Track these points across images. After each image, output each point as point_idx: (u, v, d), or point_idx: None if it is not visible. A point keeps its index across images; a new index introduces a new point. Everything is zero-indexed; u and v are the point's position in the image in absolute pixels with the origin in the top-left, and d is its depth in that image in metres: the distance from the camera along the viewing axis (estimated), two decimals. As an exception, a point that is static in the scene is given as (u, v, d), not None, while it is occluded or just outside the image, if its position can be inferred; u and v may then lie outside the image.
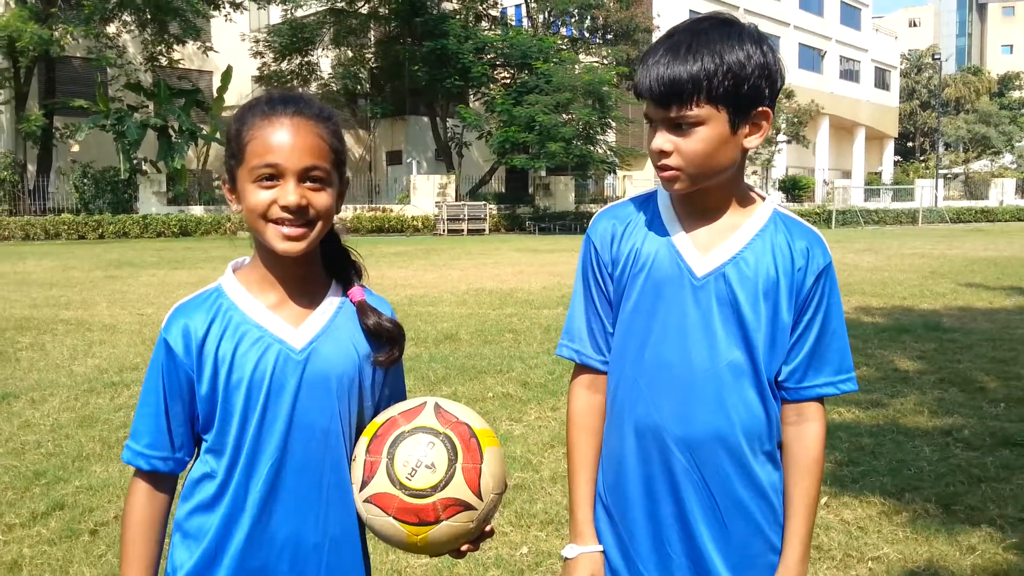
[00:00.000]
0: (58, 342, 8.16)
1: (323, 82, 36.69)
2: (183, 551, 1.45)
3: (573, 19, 36.33)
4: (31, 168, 29.73)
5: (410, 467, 1.38)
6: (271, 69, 35.95)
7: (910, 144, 72.68)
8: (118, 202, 28.75)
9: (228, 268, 1.52)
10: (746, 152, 1.48)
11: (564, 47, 34.56)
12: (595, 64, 34.29)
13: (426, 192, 32.82)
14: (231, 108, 31.52)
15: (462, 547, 1.45)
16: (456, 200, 32.44)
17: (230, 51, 34.72)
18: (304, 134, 1.40)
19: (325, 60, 36.90)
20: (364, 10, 35.15)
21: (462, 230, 30.44)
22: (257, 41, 35.74)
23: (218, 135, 30.92)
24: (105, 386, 6.27)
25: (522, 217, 33.10)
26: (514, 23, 37.33)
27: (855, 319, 9.17)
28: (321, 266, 1.53)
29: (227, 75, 31.76)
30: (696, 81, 1.37)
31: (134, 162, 28.85)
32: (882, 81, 60.78)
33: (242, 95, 35.86)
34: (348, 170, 1.56)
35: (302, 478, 1.44)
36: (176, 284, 13.30)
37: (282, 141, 1.38)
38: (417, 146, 37.75)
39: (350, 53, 36.67)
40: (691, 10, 44.22)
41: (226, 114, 31.56)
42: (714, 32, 1.41)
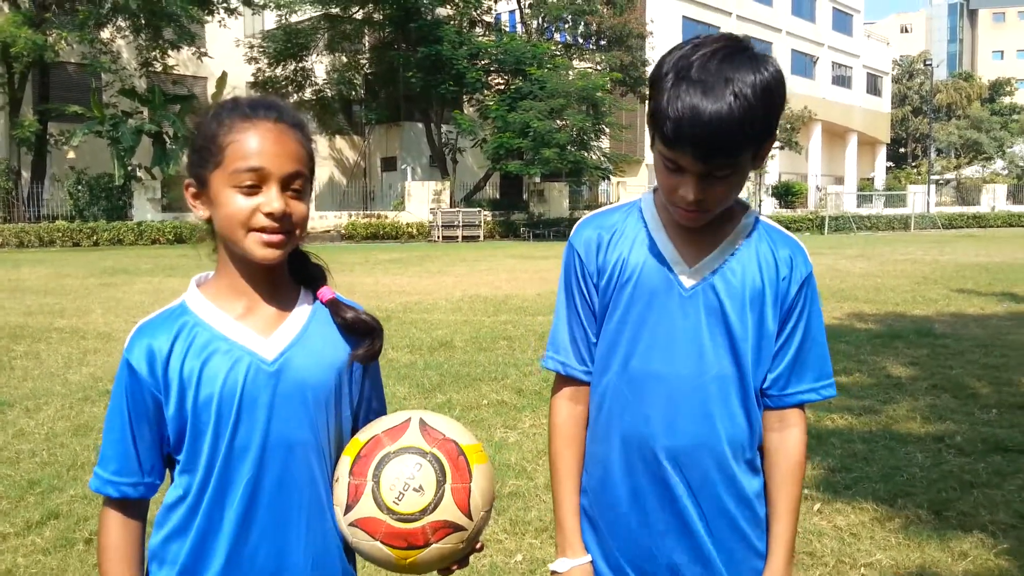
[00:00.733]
0: (53, 350, 8.15)
1: (317, 88, 36.70)
2: None
3: (567, 25, 36.41)
4: (25, 175, 29.63)
5: (397, 490, 1.34)
6: (265, 75, 35.92)
7: (902, 150, 72.96)
8: (113, 209, 28.66)
9: (192, 283, 1.48)
10: None
11: (558, 53, 34.62)
12: (589, 70, 34.40)
13: (421, 198, 32.83)
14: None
15: (452, 568, 1.43)
16: (451, 207, 32.47)
17: (225, 57, 34.70)
18: (288, 141, 1.38)
19: (319, 66, 36.89)
20: (358, 16, 35.16)
21: (457, 237, 30.46)
22: (252, 47, 35.71)
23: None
24: (100, 394, 6.26)
25: (517, 223, 33.13)
26: (508, 29, 37.38)
27: (847, 325, 9.21)
28: (288, 273, 1.49)
29: (222, 81, 31.72)
30: (743, 133, 1.31)
31: (129, 169, 28.77)
32: (874, 87, 61.06)
33: (236, 101, 35.81)
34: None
35: (280, 496, 1.39)
36: (171, 292, 13.27)
37: (268, 146, 1.35)
38: (412, 152, 37.77)
39: (344, 59, 36.67)
40: (684, 16, 44.46)
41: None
42: (744, 69, 1.32)
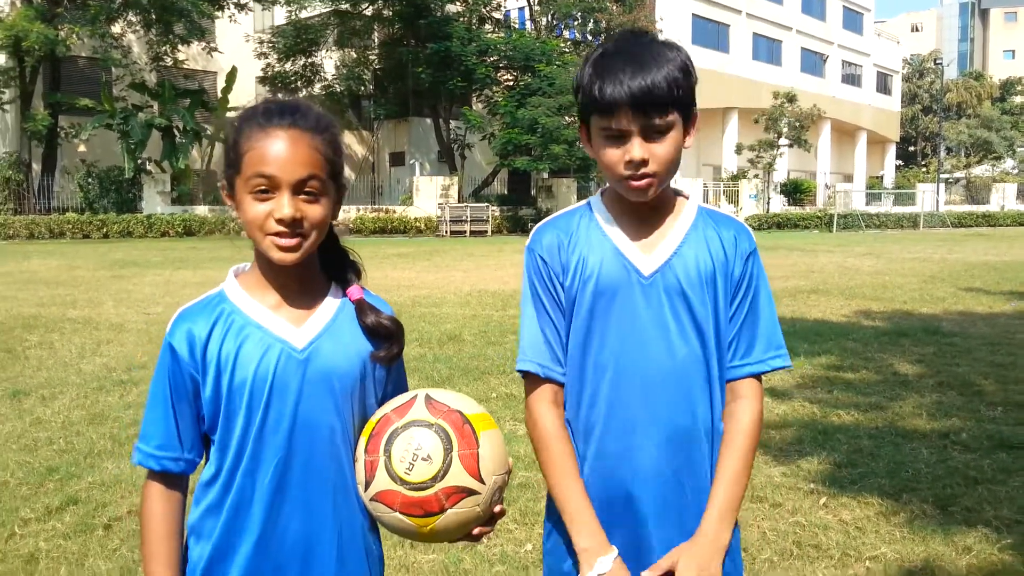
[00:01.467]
0: (66, 340, 8.24)
1: (327, 83, 36.78)
2: (196, 551, 1.49)
3: (576, 22, 36.37)
4: (36, 167, 29.80)
5: (407, 462, 1.41)
6: (275, 70, 36.04)
7: (912, 148, 72.70)
8: (122, 202, 28.85)
9: (230, 272, 1.56)
10: None
11: (567, 50, 34.63)
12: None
13: (429, 193, 32.90)
14: (235, 108, 31.58)
15: (474, 531, 1.49)
16: (459, 202, 32.51)
17: (234, 52, 34.82)
18: (299, 146, 1.42)
19: (329, 61, 36.97)
20: (368, 12, 35.23)
21: (464, 231, 30.51)
22: (261, 42, 35.82)
23: (222, 135, 31.03)
24: (114, 384, 6.35)
25: (524, 219, 33.15)
26: (517, 26, 37.37)
27: (855, 322, 9.24)
28: (319, 267, 1.56)
29: (231, 76, 31.87)
30: (670, 87, 1.47)
31: (138, 162, 28.94)
32: (884, 85, 60.81)
33: (246, 96, 35.98)
34: (347, 175, 1.61)
35: (308, 477, 1.47)
36: (181, 284, 13.38)
37: (277, 153, 1.40)
38: (420, 147, 37.83)
39: (354, 55, 36.74)
40: (694, 14, 44.33)
41: (230, 114, 31.62)
42: (657, 45, 1.52)
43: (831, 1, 54.50)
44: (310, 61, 36.37)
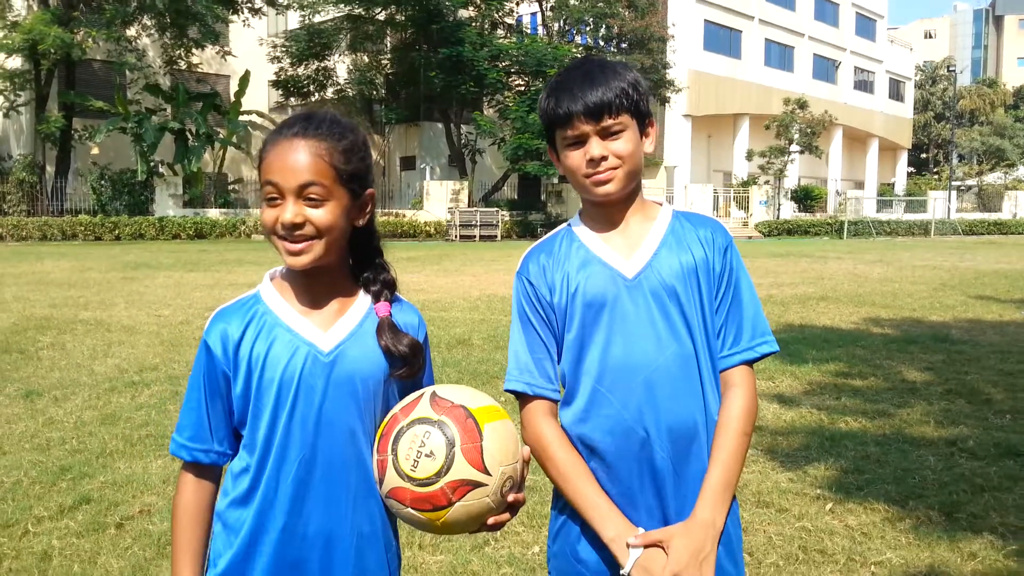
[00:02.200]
0: (78, 342, 8.32)
1: (339, 88, 36.95)
2: (223, 541, 1.56)
3: (588, 28, 36.44)
4: (49, 169, 30.06)
5: (412, 459, 1.46)
6: (288, 74, 36.24)
7: (923, 156, 72.41)
8: (135, 204, 29.05)
9: (266, 276, 1.63)
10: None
11: (579, 55, 34.68)
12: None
13: (439, 198, 33.00)
14: (248, 112, 31.83)
15: (489, 521, 1.53)
16: (469, 206, 32.60)
17: (248, 56, 35.05)
18: (301, 153, 1.48)
19: (341, 66, 37.15)
20: (381, 17, 35.38)
21: (474, 236, 30.58)
22: (275, 46, 36.02)
23: (234, 139, 31.23)
24: (126, 385, 6.41)
25: (534, 224, 33.22)
26: (529, 31, 37.50)
27: (864, 330, 9.23)
28: (350, 273, 1.62)
29: (244, 80, 32.06)
30: (619, 95, 1.61)
31: (151, 165, 29.14)
32: (896, 92, 60.63)
33: (259, 100, 36.20)
34: (370, 181, 1.65)
35: (330, 475, 1.53)
36: (192, 286, 13.47)
37: (281, 161, 1.48)
38: (431, 152, 37.97)
39: (366, 59, 36.92)
40: (706, 20, 44.33)
41: (243, 118, 31.85)
42: (610, 64, 1.69)
43: (844, 7, 54.41)
44: (323, 65, 36.54)
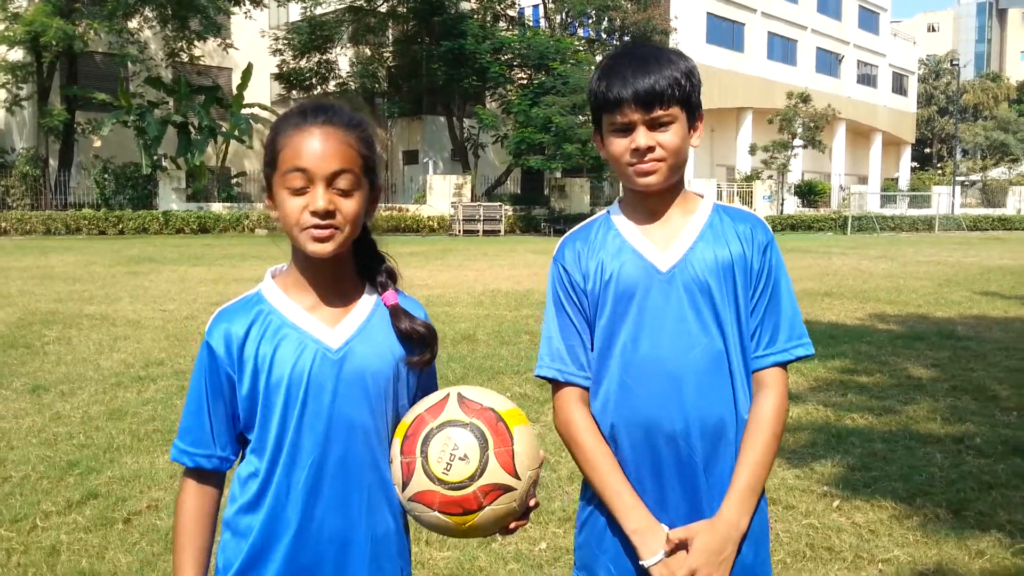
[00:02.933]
0: (84, 336, 8.33)
1: (341, 80, 36.91)
2: (233, 548, 1.52)
3: (590, 20, 36.36)
4: (52, 163, 30.04)
5: (444, 462, 1.44)
6: (290, 67, 36.20)
7: (927, 150, 72.25)
8: (138, 198, 29.04)
9: (267, 274, 1.60)
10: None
11: (581, 48, 34.62)
12: (612, 66, 34.28)
13: (442, 192, 32.97)
14: (250, 105, 31.80)
15: (511, 525, 1.53)
16: (472, 201, 32.56)
17: (250, 48, 34.99)
18: (332, 141, 1.46)
19: (343, 58, 37.10)
20: (383, 9, 35.32)
21: (477, 231, 30.56)
22: (276, 39, 35.98)
23: (237, 132, 31.20)
24: (132, 380, 6.42)
25: (537, 218, 33.19)
26: (531, 24, 37.41)
27: (869, 326, 9.22)
28: (354, 269, 1.60)
29: (247, 72, 32.00)
30: (672, 85, 1.59)
31: (154, 158, 29.12)
32: (900, 86, 60.44)
33: (261, 93, 36.15)
34: (381, 176, 1.65)
35: (344, 475, 1.50)
36: (197, 280, 13.48)
37: (311, 148, 1.45)
38: (433, 146, 37.92)
39: (368, 52, 36.86)
40: (709, 12, 44.20)
41: (245, 111, 31.82)
42: (664, 51, 1.66)
43: (847, 1, 54.23)
44: (325, 58, 36.51)
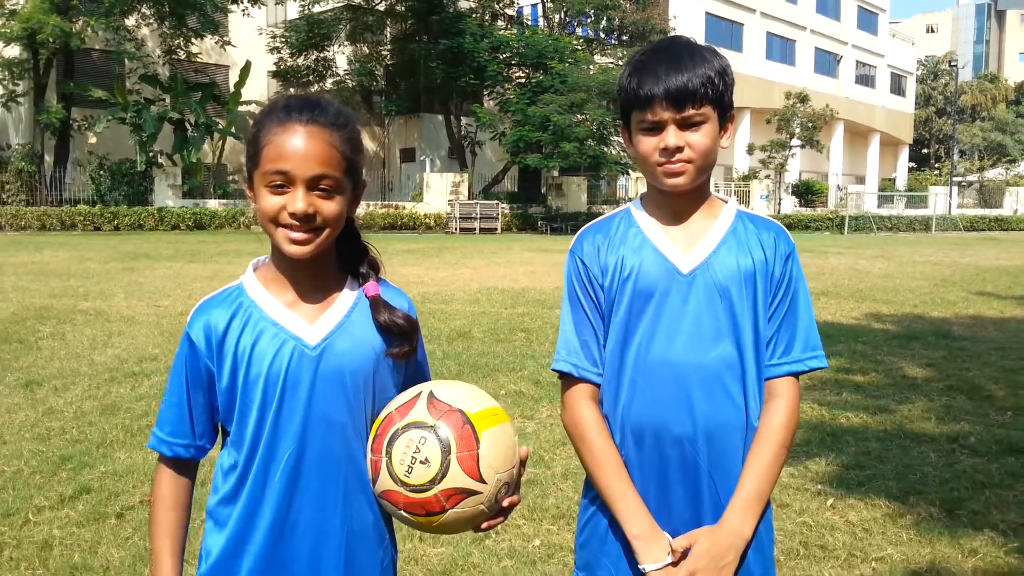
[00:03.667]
0: (78, 332, 8.31)
1: (339, 79, 36.84)
2: (214, 537, 1.53)
3: (589, 20, 36.34)
4: (48, 159, 29.96)
5: (406, 464, 1.42)
6: (287, 65, 36.14)
7: (925, 151, 72.34)
8: (134, 194, 28.98)
9: (249, 266, 1.58)
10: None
11: (579, 47, 34.58)
12: (610, 65, 34.30)
13: (439, 190, 32.94)
14: (247, 103, 31.76)
15: (483, 525, 1.50)
16: (469, 199, 32.54)
17: (247, 46, 34.92)
18: (315, 143, 1.43)
19: (341, 56, 37.04)
20: (381, 7, 35.28)
21: (474, 229, 30.54)
22: (274, 36, 35.91)
23: (233, 129, 31.15)
24: (126, 376, 6.40)
25: (534, 217, 33.18)
26: (530, 23, 37.38)
27: (865, 325, 9.23)
28: (335, 262, 1.57)
29: (246, 70, 31.95)
30: (704, 84, 1.55)
31: (150, 155, 29.06)
32: (898, 87, 60.53)
33: (258, 90, 36.11)
34: (364, 173, 1.63)
35: (321, 470, 1.49)
36: (192, 277, 13.45)
37: (294, 149, 1.42)
38: (431, 144, 37.88)
39: (366, 50, 36.80)
40: (707, 12, 44.23)
41: (242, 108, 31.77)
42: (698, 48, 1.62)
43: (846, 1, 54.27)
44: (322, 56, 36.43)
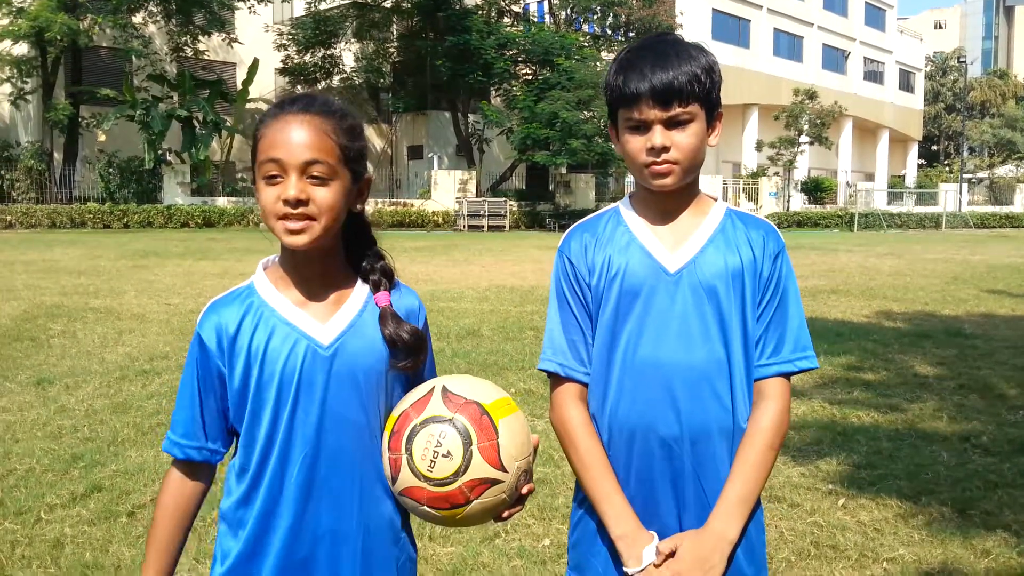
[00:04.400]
0: (89, 330, 8.34)
1: (345, 76, 36.87)
2: (229, 540, 1.52)
3: (595, 16, 36.27)
4: (57, 157, 30.08)
5: (428, 459, 1.42)
6: (294, 62, 36.18)
7: (934, 148, 71.97)
8: (143, 192, 29.08)
9: (259, 266, 1.57)
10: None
11: (586, 44, 34.53)
12: (617, 62, 34.21)
13: (447, 187, 32.94)
14: (255, 100, 31.81)
15: (504, 514, 1.51)
16: (477, 196, 32.54)
17: (254, 43, 34.97)
18: (305, 129, 1.43)
19: (348, 54, 37.05)
20: (387, 4, 35.27)
21: (482, 226, 30.53)
22: (281, 34, 35.95)
23: (241, 127, 31.21)
24: (136, 374, 6.42)
25: (542, 214, 33.15)
26: (536, 19, 37.29)
27: (875, 323, 9.19)
28: (345, 262, 1.57)
29: (253, 67, 31.99)
30: (691, 81, 1.53)
31: (159, 152, 29.15)
32: (907, 83, 60.20)
33: (266, 87, 36.15)
34: (369, 165, 1.59)
35: (337, 470, 1.49)
36: (201, 274, 13.49)
37: (285, 137, 1.43)
38: (438, 141, 37.88)
39: (373, 47, 36.78)
40: (714, 8, 44.06)
41: (250, 106, 31.82)
42: (684, 44, 1.59)
43: (853, -3, 54.00)
44: (329, 53, 36.45)
